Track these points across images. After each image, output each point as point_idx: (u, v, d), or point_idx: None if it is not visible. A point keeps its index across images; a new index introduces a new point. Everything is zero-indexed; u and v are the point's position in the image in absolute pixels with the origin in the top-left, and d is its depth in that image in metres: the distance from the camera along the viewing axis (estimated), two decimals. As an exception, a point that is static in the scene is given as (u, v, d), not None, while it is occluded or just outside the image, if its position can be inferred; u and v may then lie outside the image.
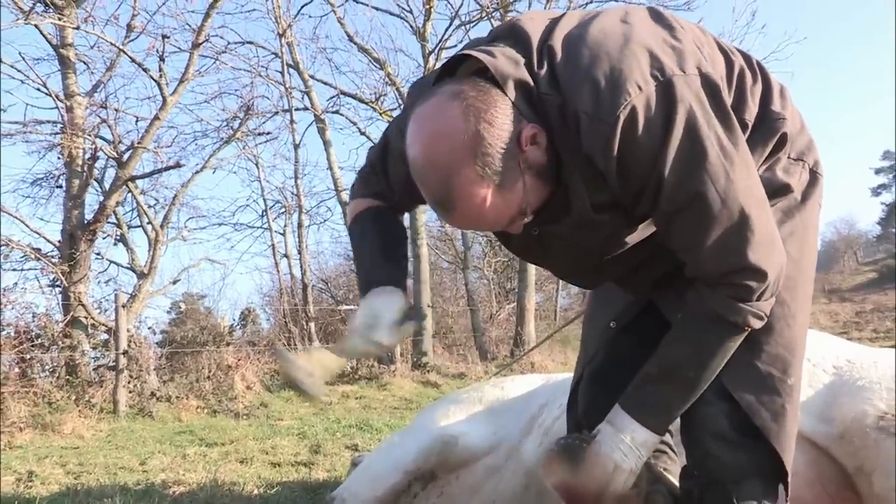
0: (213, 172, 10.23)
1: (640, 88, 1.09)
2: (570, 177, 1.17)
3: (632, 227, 1.26)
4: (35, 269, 8.09)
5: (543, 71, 1.15)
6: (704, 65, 1.17)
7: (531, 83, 1.14)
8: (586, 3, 11.53)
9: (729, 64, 1.28)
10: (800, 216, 1.34)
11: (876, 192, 51.07)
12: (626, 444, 1.24)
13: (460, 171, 1.10)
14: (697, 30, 1.29)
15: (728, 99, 1.20)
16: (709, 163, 1.11)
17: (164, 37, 8.87)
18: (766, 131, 1.28)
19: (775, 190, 1.30)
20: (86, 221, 8.34)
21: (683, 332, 1.24)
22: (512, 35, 1.22)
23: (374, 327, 1.34)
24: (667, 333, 1.26)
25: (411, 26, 11.70)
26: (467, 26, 11.44)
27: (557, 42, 1.17)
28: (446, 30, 11.31)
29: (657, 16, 1.26)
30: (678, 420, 1.32)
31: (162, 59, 8.75)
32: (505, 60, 1.15)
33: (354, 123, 12.32)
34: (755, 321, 1.19)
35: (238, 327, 13.24)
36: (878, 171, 50.58)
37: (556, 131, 1.14)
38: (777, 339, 1.27)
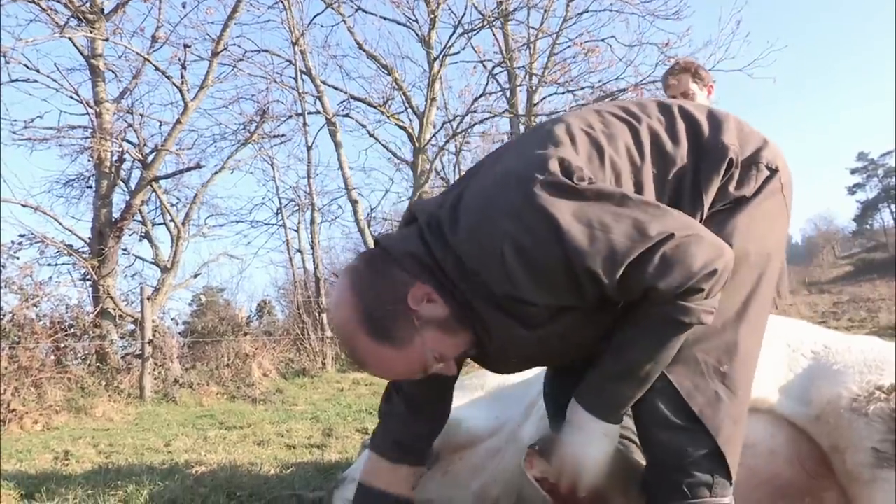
0: (232, 173, 10.27)
1: (505, 232, 1.10)
2: (489, 314, 1.18)
3: (591, 315, 1.22)
4: (68, 264, 8.17)
5: (437, 238, 1.18)
6: (552, 154, 1.17)
7: (424, 251, 1.18)
8: (580, 13, 11.51)
9: (632, 130, 1.28)
10: (743, 212, 1.27)
11: (851, 190, 50.94)
12: (588, 439, 1.23)
13: (358, 337, 1.15)
14: (588, 113, 1.31)
15: (604, 161, 1.20)
16: (599, 226, 1.09)
17: (185, 46, 8.91)
18: (712, 160, 1.27)
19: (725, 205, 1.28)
20: (114, 219, 8.39)
21: (640, 333, 1.19)
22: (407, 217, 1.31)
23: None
24: (620, 333, 1.21)
25: (417, 34, 11.71)
26: (469, 34, 11.41)
27: (445, 211, 1.21)
28: (450, 37, 11.28)
29: (534, 131, 1.30)
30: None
31: (184, 67, 8.80)
32: (400, 237, 1.24)
33: (364, 126, 12.31)
34: (707, 317, 1.16)
35: (255, 318, 13.27)
36: (853, 171, 50.47)
37: (458, 283, 1.16)
38: (713, 329, 1.22)
